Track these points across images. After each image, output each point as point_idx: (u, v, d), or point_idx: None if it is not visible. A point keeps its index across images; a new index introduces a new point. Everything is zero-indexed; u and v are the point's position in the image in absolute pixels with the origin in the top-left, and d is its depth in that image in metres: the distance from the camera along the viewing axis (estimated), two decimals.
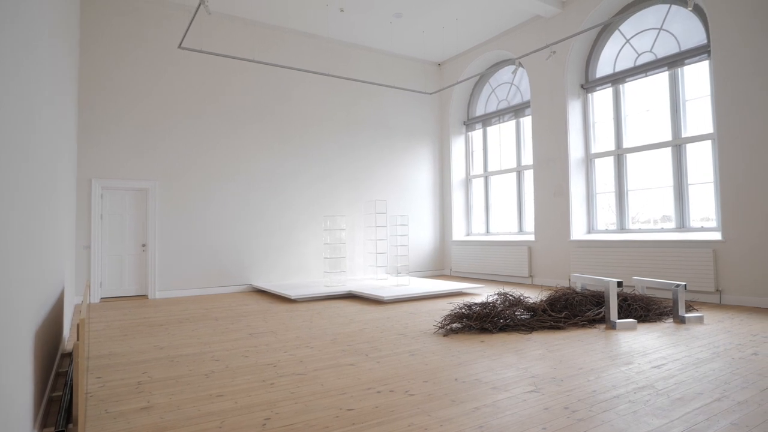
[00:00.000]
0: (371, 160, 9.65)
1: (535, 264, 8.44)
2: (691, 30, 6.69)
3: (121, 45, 7.29)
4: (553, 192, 8.13)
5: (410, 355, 3.71)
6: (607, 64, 7.79)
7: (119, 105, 7.25)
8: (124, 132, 7.28)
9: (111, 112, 7.19)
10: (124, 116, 7.28)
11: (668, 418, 2.41)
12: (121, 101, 7.27)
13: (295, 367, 3.42)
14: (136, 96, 7.37)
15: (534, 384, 2.97)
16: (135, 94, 7.36)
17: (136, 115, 7.36)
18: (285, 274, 8.53)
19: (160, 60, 7.56)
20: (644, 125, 7.30)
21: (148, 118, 7.44)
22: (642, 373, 3.16)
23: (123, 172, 7.26)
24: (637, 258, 6.79)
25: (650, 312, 4.96)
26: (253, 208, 8.27)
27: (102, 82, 7.14)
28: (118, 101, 7.24)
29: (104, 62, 7.16)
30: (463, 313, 4.66)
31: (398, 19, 8.51)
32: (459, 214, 10.46)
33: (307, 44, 8.97)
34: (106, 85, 7.17)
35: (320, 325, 5.04)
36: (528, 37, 8.66)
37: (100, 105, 7.11)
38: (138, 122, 7.37)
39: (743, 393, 2.76)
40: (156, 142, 7.49)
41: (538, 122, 8.45)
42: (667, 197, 6.95)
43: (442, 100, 10.72)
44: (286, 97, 8.70)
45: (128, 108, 7.31)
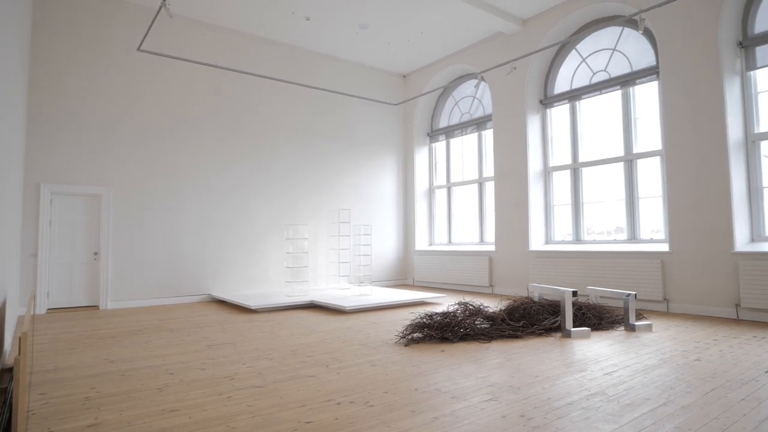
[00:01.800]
0: (335, 169, 9.64)
1: (496, 274, 8.61)
2: (642, 52, 7.05)
3: (76, 45, 7.03)
4: (513, 203, 8.34)
5: (371, 366, 3.71)
6: (564, 81, 8.09)
7: (72, 107, 6.97)
8: (78, 135, 7.00)
9: (63, 114, 6.90)
10: (78, 119, 7.00)
11: (618, 423, 2.50)
12: (75, 103, 6.99)
13: (253, 380, 3.35)
14: (91, 98, 7.11)
15: (492, 393, 3.02)
16: (90, 96, 7.10)
17: (91, 118, 7.10)
18: (246, 284, 8.36)
19: (119, 62, 7.33)
20: (599, 140, 7.61)
21: (103, 122, 7.18)
22: (594, 380, 3.27)
23: (75, 177, 6.96)
24: (591, 268, 7.03)
25: (603, 320, 5.14)
26: (213, 217, 8.09)
27: (54, 83, 6.85)
28: (70, 103, 6.96)
29: (57, 62, 6.88)
30: (424, 322, 4.70)
31: (364, 30, 8.58)
32: (422, 224, 10.56)
33: (273, 52, 8.91)
34: (59, 86, 6.88)
35: (281, 335, 4.96)
36: (490, 53, 8.90)
37: (51, 106, 6.82)
38: (93, 126, 7.10)
39: (687, 397, 2.90)
40: (111, 146, 7.23)
41: (499, 135, 8.67)
42: (620, 210, 7.25)
43: (406, 111, 10.85)
44: (250, 105, 8.60)
45: (82, 110, 7.03)
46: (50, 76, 6.82)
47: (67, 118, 6.93)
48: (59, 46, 6.91)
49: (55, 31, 6.88)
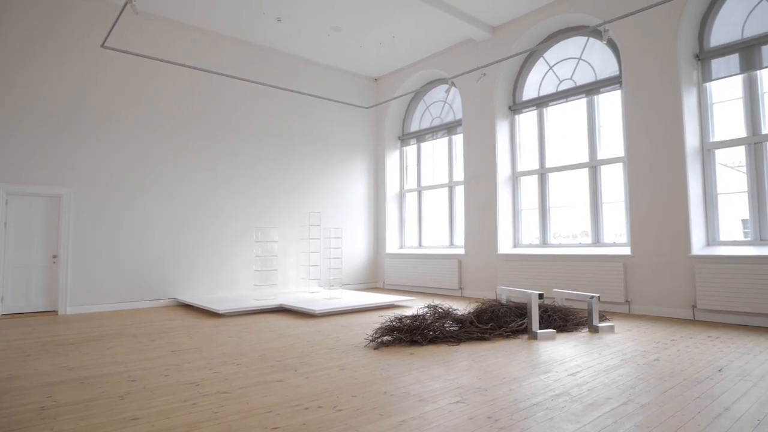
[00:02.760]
0: (306, 171, 9.57)
1: (465, 277, 8.71)
2: (606, 62, 7.28)
3: (36, 39, 6.76)
4: (482, 207, 8.46)
5: (340, 370, 3.69)
6: (532, 88, 8.28)
7: (30, 104, 6.70)
8: (36, 133, 6.73)
9: (20, 111, 6.63)
10: (37, 116, 6.73)
11: (581, 423, 2.57)
12: (33, 100, 6.72)
13: (219, 386, 3.29)
14: (51, 95, 6.85)
15: (460, 395, 3.06)
16: (50, 92, 6.84)
17: (51, 116, 6.84)
18: (213, 288, 8.20)
19: (81, 58, 7.09)
20: (565, 147, 7.81)
21: (64, 120, 6.93)
22: (559, 381, 3.34)
23: (33, 177, 6.69)
24: (557, 271, 7.20)
25: (568, 322, 5.26)
26: (180, 219, 7.90)
27: (11, 78, 6.57)
28: (28, 99, 6.69)
29: (14, 56, 6.60)
30: (393, 325, 4.71)
31: (336, 33, 8.57)
32: (393, 227, 10.59)
33: (244, 53, 8.79)
34: (17, 81, 6.60)
35: (248, 340, 4.89)
36: (461, 59, 9.02)
37: (7, 102, 6.53)
38: (53, 123, 6.84)
39: (646, 396, 3.00)
40: (72, 145, 6.98)
41: (469, 140, 8.79)
42: (585, 214, 7.46)
43: (378, 114, 10.88)
44: (219, 105, 8.45)
45: (41, 108, 6.77)
46: (7, 70, 6.54)
47: (25, 116, 6.65)
48: (16, 40, 6.63)
49: (11, 23, 6.60)
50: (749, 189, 5.88)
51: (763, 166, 5.81)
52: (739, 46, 5.97)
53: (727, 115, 6.15)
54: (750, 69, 5.90)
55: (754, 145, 5.88)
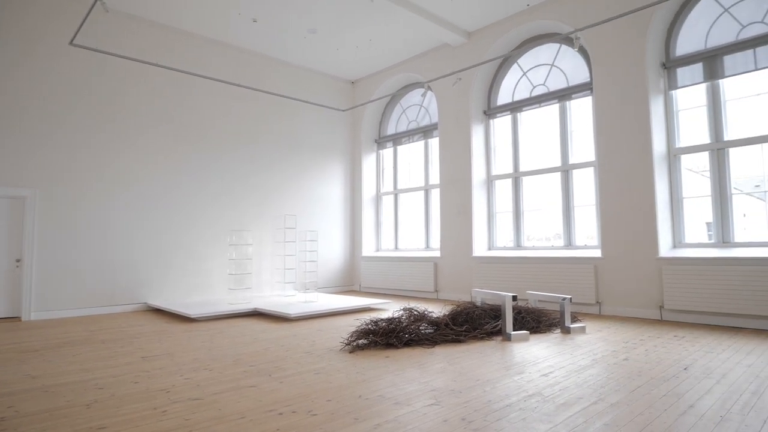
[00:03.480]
0: (282, 174, 9.49)
1: (441, 279, 8.77)
2: (577, 68, 7.45)
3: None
4: (457, 210, 8.53)
5: (315, 374, 3.66)
6: (506, 94, 8.40)
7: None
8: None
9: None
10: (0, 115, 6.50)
11: (553, 422, 2.61)
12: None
13: (191, 392, 3.22)
14: (15, 94, 6.62)
15: (435, 397, 3.07)
16: (13, 91, 6.61)
17: (14, 115, 6.60)
18: (186, 292, 8.04)
19: (48, 56, 6.87)
20: (538, 151, 7.95)
21: (28, 119, 6.70)
22: (532, 382, 3.39)
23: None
24: (531, 273, 7.31)
25: (541, 323, 5.35)
26: (151, 221, 7.73)
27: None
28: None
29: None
30: (369, 329, 4.70)
31: (313, 35, 8.54)
32: (369, 230, 10.59)
33: (218, 52, 8.67)
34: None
35: (222, 345, 4.81)
36: (437, 63, 9.10)
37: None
38: (16, 122, 6.61)
39: (616, 395, 3.07)
40: (38, 145, 6.76)
41: (444, 144, 8.86)
42: (558, 217, 7.60)
43: (354, 117, 10.87)
44: (193, 106, 8.31)
45: (5, 106, 6.53)
46: None
47: None
48: None
49: None
50: (712, 193, 6.10)
51: (726, 171, 6.03)
52: (702, 56, 6.19)
53: (691, 122, 6.37)
54: (713, 78, 6.13)
55: (717, 150, 6.10)
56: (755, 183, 5.85)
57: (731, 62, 6.00)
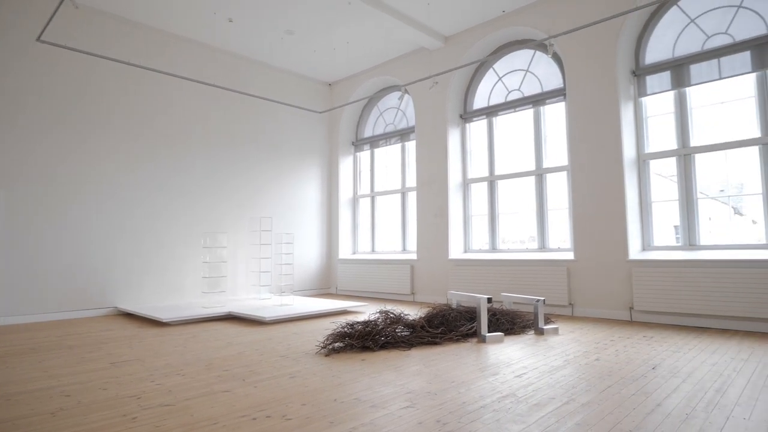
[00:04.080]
0: (258, 176, 9.39)
1: (417, 282, 8.80)
2: (551, 74, 7.60)
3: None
4: (434, 213, 8.59)
5: (290, 378, 3.63)
6: (482, 98, 8.51)
7: None
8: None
9: None
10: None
11: (526, 423, 2.65)
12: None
13: (162, 398, 3.16)
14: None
15: (410, 399, 3.08)
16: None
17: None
18: (158, 296, 7.87)
19: (13, 51, 6.65)
20: (513, 155, 8.07)
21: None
22: (506, 383, 3.44)
23: None
24: (505, 275, 7.41)
25: (515, 325, 5.42)
26: (122, 223, 7.55)
27: None
28: None
29: None
30: (345, 332, 4.69)
31: (290, 37, 8.49)
32: (346, 233, 10.56)
33: (193, 52, 8.54)
34: None
35: (194, 349, 4.72)
36: (414, 66, 9.16)
37: None
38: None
39: (587, 395, 3.13)
40: (3, 144, 6.52)
41: (421, 147, 8.92)
42: (532, 220, 7.73)
43: (332, 119, 10.84)
44: (167, 106, 8.15)
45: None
46: None
47: None
48: None
49: None
50: (680, 197, 6.29)
51: (692, 176, 6.23)
52: (670, 65, 6.40)
53: (660, 128, 6.57)
54: (680, 86, 6.33)
55: (684, 156, 6.30)
56: (720, 188, 6.06)
57: (697, 71, 6.21)
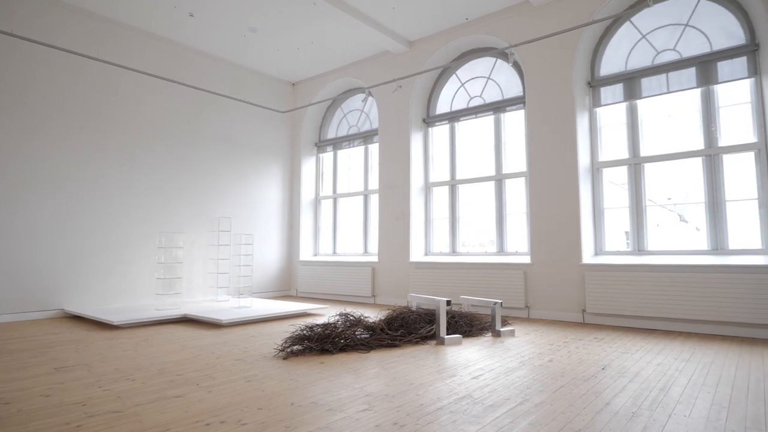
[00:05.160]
0: (217, 175, 9.17)
1: (378, 284, 8.82)
2: (512, 82, 7.80)
3: None
4: (396, 216, 8.64)
5: (246, 382, 3.56)
6: (445, 103, 8.63)
7: None
8: None
9: None
10: None
11: (481, 424, 2.69)
12: None
13: (110, 404, 3.03)
14: None
15: (368, 402, 3.07)
16: None
17: None
18: (109, 297, 7.55)
19: None
20: (474, 160, 8.22)
21: None
22: (463, 385, 3.49)
23: None
24: (465, 278, 7.53)
25: (473, 327, 5.52)
26: (70, 221, 7.20)
27: None
28: None
29: None
30: (304, 334, 4.64)
31: (253, 34, 8.35)
32: (307, 234, 10.46)
33: (151, 45, 8.25)
34: None
35: (147, 353, 4.55)
36: (378, 69, 9.19)
37: None
38: None
39: (540, 395, 3.22)
40: None
41: (384, 150, 8.95)
42: (491, 224, 7.89)
43: (294, 120, 10.73)
44: (120, 100, 7.85)
45: None
46: None
47: None
48: None
49: None
50: (630, 205, 6.58)
51: (641, 185, 6.53)
52: (623, 77, 6.69)
53: (613, 138, 6.85)
54: (631, 98, 6.62)
55: (634, 165, 6.59)
56: (667, 196, 6.37)
57: (647, 84, 6.52)
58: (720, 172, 5.99)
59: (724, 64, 5.99)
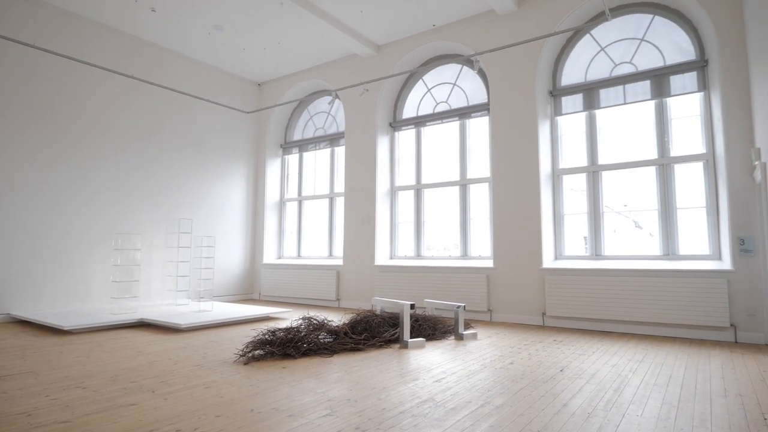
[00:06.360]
0: (178, 175, 8.92)
1: (343, 287, 8.77)
2: (477, 89, 7.93)
3: None
4: (361, 219, 8.62)
5: (205, 388, 3.46)
6: (411, 108, 8.69)
7: None
8: None
9: None
10: None
11: (442, 427, 2.71)
12: None
13: (58, 414, 2.88)
14: None
15: (330, 407, 3.04)
16: None
17: None
18: (62, 301, 7.20)
19: None
20: (439, 165, 8.31)
21: None
22: (425, 388, 3.50)
23: None
24: (429, 282, 7.59)
25: (437, 331, 5.56)
26: (17, 221, 6.84)
27: None
28: None
29: None
30: (266, 339, 4.56)
31: (219, 32, 8.18)
32: (271, 237, 10.31)
33: (110, 39, 7.96)
34: None
35: (100, 360, 4.37)
36: (345, 72, 9.17)
37: None
38: None
39: (501, 398, 3.27)
40: None
41: (350, 153, 8.93)
42: (455, 229, 7.98)
43: (260, 120, 10.57)
44: (77, 96, 7.53)
45: None
46: None
47: None
48: None
49: None
50: (588, 211, 6.79)
51: (599, 192, 6.75)
52: (582, 88, 6.91)
53: (573, 146, 7.06)
54: (590, 108, 6.85)
55: (593, 173, 6.81)
56: (623, 203, 6.62)
57: (605, 95, 6.76)
58: (672, 180, 6.27)
59: (676, 78, 6.28)
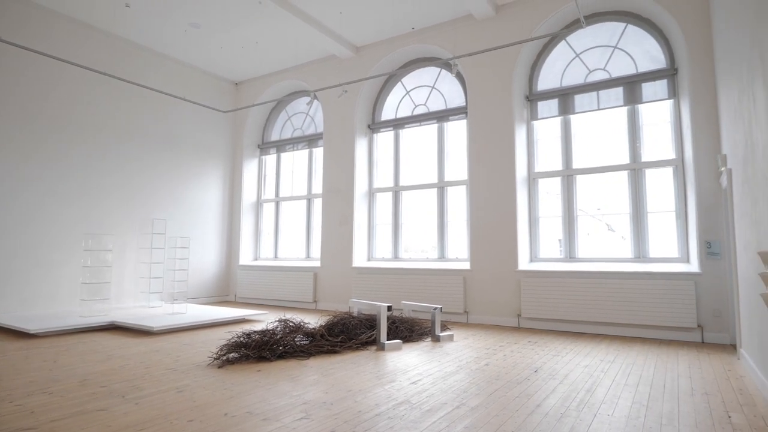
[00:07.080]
0: (152, 174, 8.73)
1: (320, 289, 8.72)
2: (455, 93, 8.00)
3: None
4: (339, 221, 8.59)
5: (177, 392, 3.39)
6: (390, 110, 8.71)
7: None
8: None
9: None
10: None
11: (418, 429, 2.71)
12: None
13: (22, 421, 2.78)
14: None
15: (305, 410, 3.02)
16: None
17: None
18: (28, 304, 6.97)
19: None
20: (417, 167, 8.34)
21: None
22: (401, 390, 3.51)
23: None
24: (406, 284, 7.61)
25: (414, 332, 5.58)
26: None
27: None
28: None
29: None
30: (241, 341, 4.50)
31: (195, 30, 8.06)
32: (247, 238, 10.19)
33: (82, 35, 7.75)
34: None
35: (68, 364, 4.24)
36: (324, 73, 9.13)
37: None
38: None
39: (476, 399, 3.29)
40: None
41: (328, 154, 8.89)
42: (433, 231, 8.02)
43: (237, 120, 10.44)
44: (47, 92, 7.30)
45: None
46: None
47: None
48: None
49: None
50: (563, 214, 6.91)
51: (573, 195, 6.88)
52: (558, 93, 7.04)
53: (548, 150, 7.18)
54: (565, 113, 6.98)
55: (567, 176, 6.94)
56: (597, 207, 6.76)
57: (580, 101, 6.90)
58: (643, 185, 6.43)
59: (647, 85, 6.45)
